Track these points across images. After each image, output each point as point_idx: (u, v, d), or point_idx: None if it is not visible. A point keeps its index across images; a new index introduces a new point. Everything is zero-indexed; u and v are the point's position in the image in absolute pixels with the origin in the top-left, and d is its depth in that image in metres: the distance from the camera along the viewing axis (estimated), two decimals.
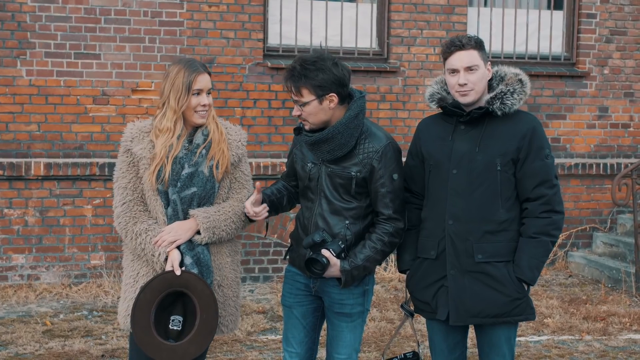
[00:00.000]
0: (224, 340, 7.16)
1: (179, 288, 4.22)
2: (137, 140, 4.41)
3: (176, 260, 4.26)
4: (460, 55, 4.40)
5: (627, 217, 10.31)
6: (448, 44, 4.47)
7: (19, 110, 8.91)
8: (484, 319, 4.43)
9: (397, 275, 9.49)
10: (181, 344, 4.22)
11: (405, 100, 9.95)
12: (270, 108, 9.54)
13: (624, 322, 7.93)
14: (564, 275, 10.01)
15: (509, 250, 4.39)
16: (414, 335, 5.02)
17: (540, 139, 4.41)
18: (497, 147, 4.36)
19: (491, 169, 4.36)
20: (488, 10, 10.42)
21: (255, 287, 9.29)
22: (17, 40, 8.88)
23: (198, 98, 4.37)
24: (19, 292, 8.60)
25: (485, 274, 4.36)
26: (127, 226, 4.38)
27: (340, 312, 4.55)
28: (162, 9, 9.21)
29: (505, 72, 4.56)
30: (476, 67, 4.38)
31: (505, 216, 4.38)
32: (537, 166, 4.37)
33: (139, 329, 4.22)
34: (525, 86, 4.48)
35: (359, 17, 9.96)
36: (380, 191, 4.41)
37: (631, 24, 10.63)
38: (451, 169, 4.41)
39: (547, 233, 4.36)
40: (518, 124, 4.40)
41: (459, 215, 4.39)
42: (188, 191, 4.35)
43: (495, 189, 4.37)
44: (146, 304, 4.22)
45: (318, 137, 4.37)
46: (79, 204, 9.02)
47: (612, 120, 10.67)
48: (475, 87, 4.38)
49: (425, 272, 4.53)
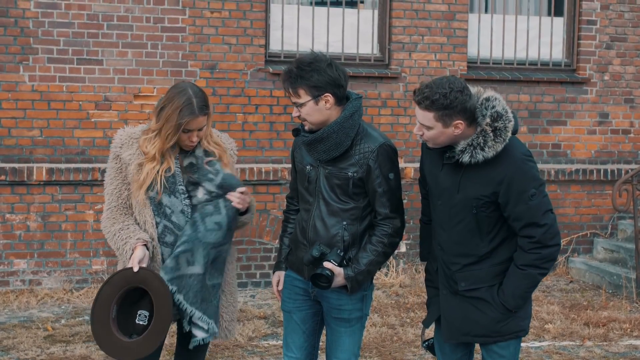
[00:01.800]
0: (225, 346, 7.17)
1: (135, 284, 4.26)
2: (126, 146, 4.49)
3: (136, 257, 4.29)
4: (417, 110, 4.20)
5: (628, 222, 10.32)
6: (415, 91, 4.21)
7: (22, 116, 8.94)
8: (474, 338, 4.47)
9: (399, 280, 9.51)
10: (135, 341, 4.26)
11: (407, 106, 9.97)
12: (271, 114, 9.56)
13: (625, 328, 7.94)
14: (564, 281, 10.02)
15: (492, 275, 4.35)
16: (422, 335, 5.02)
17: (520, 184, 4.19)
18: (473, 191, 4.25)
19: (468, 210, 4.28)
20: (489, 16, 10.44)
21: (256, 292, 9.30)
22: (19, 46, 8.90)
23: (188, 135, 4.42)
24: (20, 297, 8.62)
25: (472, 297, 4.39)
26: (107, 228, 4.48)
27: (338, 318, 4.58)
28: (165, 15, 9.23)
29: (494, 105, 4.20)
30: (429, 127, 4.17)
31: (487, 248, 4.33)
32: (520, 210, 4.21)
33: (97, 324, 4.28)
34: (502, 131, 4.16)
35: (361, 23, 9.99)
36: (377, 191, 4.45)
37: (631, 30, 10.65)
38: (437, 199, 4.42)
39: (535, 266, 4.27)
40: (497, 168, 4.19)
41: (442, 245, 4.43)
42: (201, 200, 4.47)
43: (472, 227, 4.32)
44: (106, 299, 4.28)
45: (314, 137, 4.41)
46: (81, 209, 9.04)
47: (613, 126, 10.69)
48: (433, 140, 4.24)
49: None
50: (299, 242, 4.61)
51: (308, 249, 4.50)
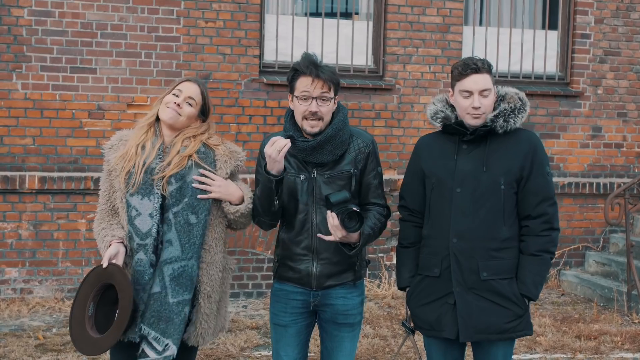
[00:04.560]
0: (217, 356, 7.15)
1: (106, 281, 4.27)
2: (115, 148, 4.53)
3: (107, 254, 4.28)
4: (475, 78, 4.41)
5: (620, 236, 10.34)
6: (463, 66, 4.45)
7: (14, 124, 8.92)
8: (490, 335, 4.45)
9: (391, 292, 9.49)
10: (102, 336, 4.27)
11: (400, 118, 9.98)
12: (265, 124, 9.56)
13: (616, 341, 7.94)
14: (556, 293, 10.03)
15: (512, 267, 4.43)
16: (416, 352, 5.02)
17: (541, 156, 4.47)
18: (501, 166, 4.40)
19: (495, 188, 4.39)
20: (483, 29, 10.46)
21: (248, 302, 9.28)
22: (13, 54, 8.89)
23: (174, 97, 4.47)
24: (11, 306, 8.59)
25: (491, 291, 4.39)
26: (96, 229, 4.52)
27: (344, 323, 4.60)
28: (159, 24, 9.23)
29: (506, 91, 4.59)
30: (489, 91, 4.43)
31: (508, 234, 4.42)
32: (540, 183, 4.43)
33: (74, 322, 4.32)
34: (525, 104, 4.53)
35: (355, 34, 10.00)
36: (372, 183, 4.56)
37: (625, 44, 10.69)
38: (455, 187, 4.44)
39: (547, 250, 4.43)
40: (520, 142, 4.45)
41: (463, 234, 4.41)
42: (180, 205, 4.38)
43: (498, 207, 4.40)
44: (83, 297, 4.32)
45: (325, 136, 4.42)
46: (73, 218, 9.02)
47: (606, 140, 10.71)
48: (486, 111, 4.42)
49: (426, 289, 4.54)
50: (298, 255, 4.55)
51: (313, 260, 4.50)
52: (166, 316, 4.32)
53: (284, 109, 9.46)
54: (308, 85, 4.41)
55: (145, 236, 4.34)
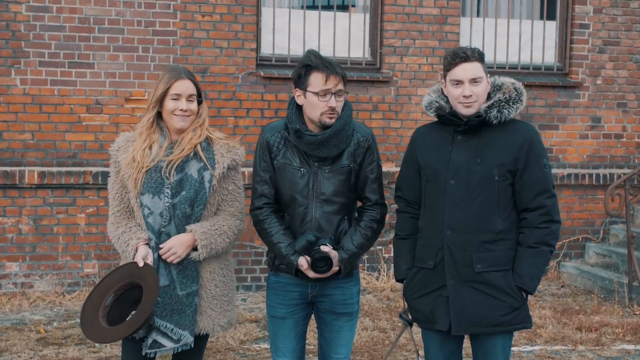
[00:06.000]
0: (217, 349, 7.16)
1: (136, 278, 4.31)
2: (123, 149, 4.54)
3: (140, 254, 4.33)
4: (465, 67, 4.39)
5: (620, 227, 10.32)
6: (452, 55, 4.44)
7: (13, 119, 8.92)
8: (484, 328, 4.43)
9: (390, 284, 9.50)
10: (112, 328, 4.29)
11: (398, 110, 9.98)
12: (263, 117, 9.55)
13: (617, 333, 7.94)
14: (556, 285, 10.03)
15: (507, 260, 4.40)
16: (413, 344, 5.02)
17: (538, 149, 4.44)
18: (495, 158, 4.38)
19: (489, 179, 4.37)
20: (481, 20, 10.45)
21: (247, 296, 9.29)
22: (11, 49, 8.89)
23: (176, 103, 4.44)
24: (12, 300, 8.61)
25: (485, 283, 4.37)
26: (112, 232, 4.53)
27: (344, 312, 4.64)
28: (156, 19, 9.22)
29: (502, 81, 4.56)
30: (480, 79, 4.39)
31: (502, 226, 4.39)
32: (536, 176, 4.40)
33: (89, 305, 4.34)
34: (521, 95, 4.50)
35: (352, 27, 9.99)
36: (369, 177, 4.59)
37: (624, 34, 10.66)
38: (449, 179, 4.42)
39: (546, 243, 4.39)
40: (515, 134, 4.43)
41: (457, 226, 4.39)
42: (178, 197, 4.42)
43: (492, 199, 4.38)
44: (106, 286, 4.36)
45: (335, 129, 4.45)
46: (73, 213, 9.03)
47: (605, 130, 10.69)
48: (478, 99, 4.39)
49: (421, 281, 4.54)
50: None
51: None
52: (178, 309, 4.40)
53: (282, 102, 9.46)
54: (326, 82, 4.44)
55: (157, 234, 4.41)
